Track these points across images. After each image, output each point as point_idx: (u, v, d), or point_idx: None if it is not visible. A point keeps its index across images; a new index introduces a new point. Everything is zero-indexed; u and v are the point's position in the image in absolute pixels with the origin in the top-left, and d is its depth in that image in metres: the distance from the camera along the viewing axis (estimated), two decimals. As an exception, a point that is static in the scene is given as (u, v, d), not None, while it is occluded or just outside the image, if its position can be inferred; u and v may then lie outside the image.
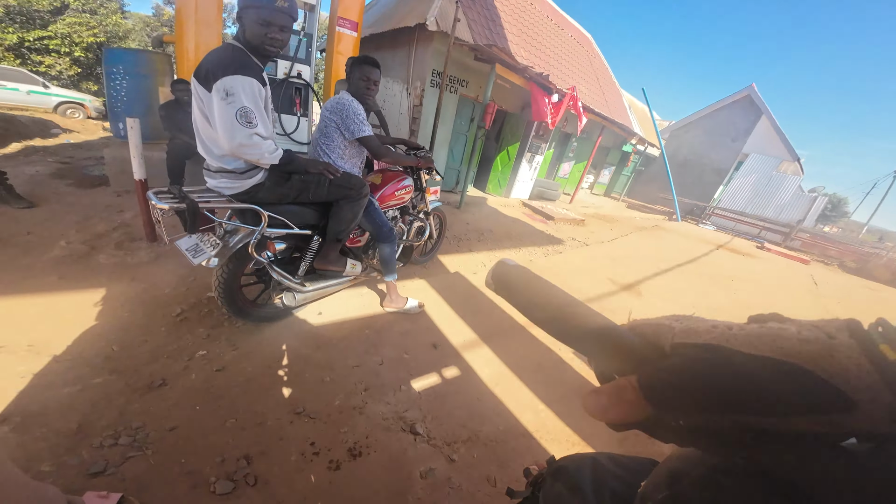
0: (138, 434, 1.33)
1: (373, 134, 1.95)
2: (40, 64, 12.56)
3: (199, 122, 1.53)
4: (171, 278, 2.35)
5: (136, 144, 2.46)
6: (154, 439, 1.32)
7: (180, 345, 1.80)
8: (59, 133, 6.98)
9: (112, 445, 1.27)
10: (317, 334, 2.07)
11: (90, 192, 3.63)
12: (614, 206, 11.88)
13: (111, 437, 1.30)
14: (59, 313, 1.89)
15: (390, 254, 2.27)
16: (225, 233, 1.72)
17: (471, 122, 7.15)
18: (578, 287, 3.57)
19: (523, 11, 7.87)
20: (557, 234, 5.85)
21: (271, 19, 1.41)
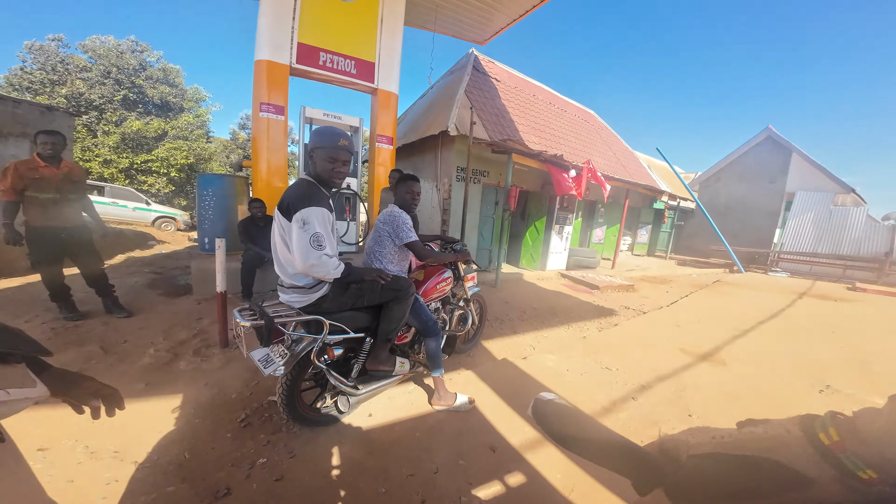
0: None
1: (418, 240, 2.19)
2: (143, 183, 15.57)
3: (278, 246, 1.79)
4: (237, 383, 2.47)
5: (221, 260, 2.81)
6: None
7: (243, 452, 1.84)
8: (154, 244, 8.19)
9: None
10: (368, 439, 1.98)
11: (176, 301, 4.10)
12: (663, 265, 11.19)
13: None
14: (143, 419, 2.02)
15: (436, 348, 2.25)
16: (291, 342, 1.84)
17: (496, 206, 7.54)
18: (647, 363, 3.14)
19: (528, 104, 8.89)
20: (607, 303, 5.47)
21: (336, 156, 1.72)
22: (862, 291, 8.55)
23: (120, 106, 15.71)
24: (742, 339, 4.07)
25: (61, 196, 3.08)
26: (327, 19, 4.69)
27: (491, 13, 6.35)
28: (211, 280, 4.11)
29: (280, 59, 4.42)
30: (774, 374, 3.07)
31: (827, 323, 5.08)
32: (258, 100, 4.43)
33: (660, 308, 5.38)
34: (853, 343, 4.15)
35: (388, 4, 5.09)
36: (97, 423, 1.85)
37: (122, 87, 15.80)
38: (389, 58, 5.21)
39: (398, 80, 5.36)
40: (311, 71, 4.69)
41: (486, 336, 3.56)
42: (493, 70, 8.75)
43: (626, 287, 6.59)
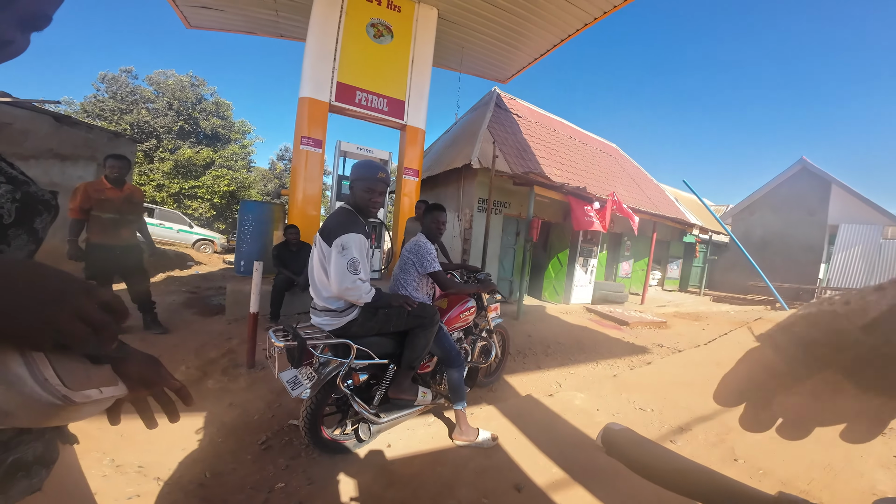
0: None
1: (441, 270, 2.24)
2: (189, 207, 16.63)
3: (315, 269, 1.87)
4: (260, 404, 2.48)
5: (257, 283, 2.94)
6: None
7: (262, 475, 1.83)
8: (192, 265, 8.59)
9: None
10: (388, 470, 1.92)
11: (209, 321, 4.25)
12: (697, 301, 10.60)
13: None
14: (169, 437, 2.04)
15: (458, 379, 2.20)
16: (319, 365, 1.85)
17: (517, 236, 7.53)
18: (685, 403, 2.90)
19: (549, 138, 9.08)
20: (637, 340, 5.19)
21: (374, 187, 1.85)
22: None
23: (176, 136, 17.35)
24: (792, 383, 3.70)
25: (121, 217, 3.36)
26: (363, 61, 5.12)
27: (513, 53, 6.71)
28: (243, 301, 4.26)
29: (321, 97, 4.82)
30: (834, 424, 2.75)
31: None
32: (300, 133, 4.79)
33: (697, 346, 5.04)
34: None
35: (418, 47, 5.51)
36: (129, 437, 1.93)
37: (180, 118, 17.59)
38: (418, 96, 5.55)
39: (426, 116, 5.67)
40: (348, 108, 5.06)
41: (509, 370, 3.43)
42: (514, 106, 9.09)
43: (658, 324, 6.25)
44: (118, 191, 3.32)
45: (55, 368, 0.38)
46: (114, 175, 3.30)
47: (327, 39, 4.85)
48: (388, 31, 5.28)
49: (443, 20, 5.74)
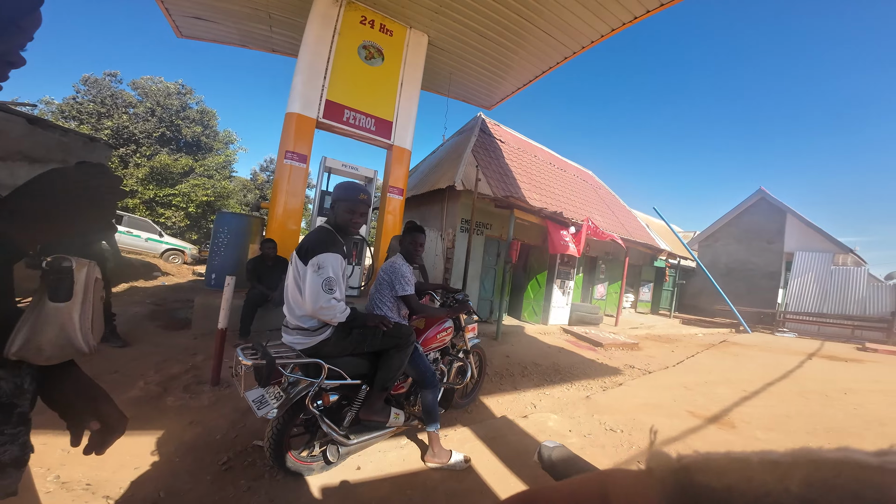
0: None
1: (413, 294, 2.24)
2: (162, 215, 15.85)
3: (290, 288, 1.86)
4: (223, 423, 2.38)
5: (227, 298, 2.84)
6: None
7: (222, 496, 1.74)
8: (158, 275, 8.16)
9: None
10: (355, 493, 1.86)
11: (174, 335, 4.04)
12: (667, 324, 10.99)
13: None
14: (121, 454, 1.93)
15: (433, 400, 2.19)
16: (288, 384, 1.80)
17: (497, 258, 7.67)
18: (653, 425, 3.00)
19: (530, 163, 9.43)
20: (611, 362, 5.33)
21: (356, 208, 1.87)
22: (872, 351, 8.34)
23: (156, 142, 16.84)
24: (752, 400, 3.90)
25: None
26: (354, 80, 5.24)
27: (498, 82, 7.05)
28: (212, 316, 4.10)
29: (309, 114, 4.87)
30: (787, 437, 2.92)
31: (839, 384, 4.90)
32: (284, 147, 4.79)
33: (666, 368, 5.22)
34: (867, 404, 3.99)
35: (408, 71, 5.70)
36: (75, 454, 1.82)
37: (162, 125, 17.09)
38: (406, 118, 5.70)
39: (412, 138, 5.81)
40: (336, 126, 5.13)
41: (486, 391, 3.44)
42: (498, 132, 9.44)
43: (631, 345, 6.44)
44: None
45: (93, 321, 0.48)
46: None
47: (319, 58, 4.96)
48: (380, 54, 5.46)
49: (433, 46, 6.00)
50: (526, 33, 5.51)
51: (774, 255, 14.02)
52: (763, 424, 3.19)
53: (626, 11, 4.78)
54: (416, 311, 2.26)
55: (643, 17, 4.82)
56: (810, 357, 7.18)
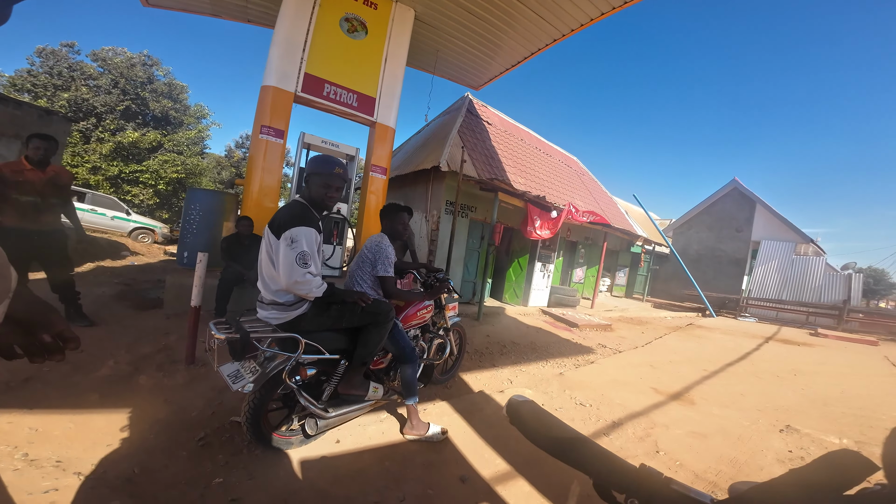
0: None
1: (392, 277, 2.25)
2: (128, 193, 15.10)
3: (263, 262, 1.84)
4: (199, 401, 2.37)
5: (200, 275, 2.78)
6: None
7: (199, 471, 1.75)
8: (127, 255, 7.84)
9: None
10: (334, 465, 1.91)
11: (144, 315, 3.93)
12: (640, 307, 11.51)
13: None
14: (93, 431, 1.92)
15: (412, 375, 2.24)
16: (264, 359, 1.80)
17: (481, 240, 7.75)
18: (620, 400, 3.20)
19: (516, 147, 9.41)
20: (585, 341, 5.58)
21: (330, 182, 1.84)
22: (823, 337, 9.04)
23: (120, 116, 15.76)
24: (711, 380, 4.20)
25: (42, 200, 3.04)
26: (335, 54, 5.02)
27: (487, 61, 6.91)
28: (184, 295, 3.99)
29: (286, 87, 4.66)
30: (740, 413, 3.18)
31: (790, 366, 5.31)
32: (259, 122, 4.59)
33: (635, 348, 5.52)
34: (814, 385, 4.35)
35: (392, 46, 5.50)
36: (43, 432, 1.81)
37: (127, 98, 15.96)
38: (389, 94, 5.54)
39: (396, 115, 5.67)
40: (315, 100, 4.94)
41: (465, 368, 3.56)
42: (485, 114, 9.33)
43: (605, 326, 6.74)
44: (40, 172, 3.01)
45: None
46: (38, 156, 2.99)
47: (298, 29, 4.70)
48: (363, 27, 5.22)
49: (419, 22, 5.78)
50: (515, 13, 5.38)
51: (742, 244, 14.76)
52: (719, 402, 3.46)
53: (616, -5, 4.75)
54: (390, 294, 2.27)
55: (634, 2, 4.80)
56: (767, 340, 7.72)
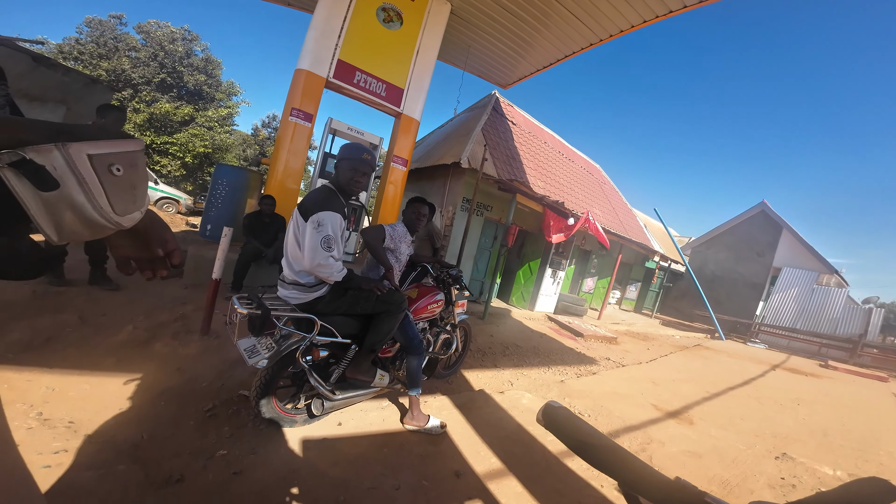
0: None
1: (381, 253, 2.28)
2: (157, 163, 15.62)
3: (290, 243, 1.91)
4: (210, 373, 2.43)
5: (224, 248, 2.87)
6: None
7: (204, 441, 1.79)
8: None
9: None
10: (335, 448, 1.98)
11: (165, 283, 4.04)
12: (647, 323, 11.35)
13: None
14: (106, 394, 1.98)
15: (417, 366, 2.30)
16: (280, 337, 1.87)
17: (494, 240, 7.76)
18: (618, 413, 3.22)
19: (538, 149, 9.33)
20: (588, 352, 5.57)
21: (358, 167, 1.90)
22: (833, 369, 8.80)
23: (156, 88, 16.21)
24: (712, 401, 4.17)
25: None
26: (369, 42, 5.06)
27: (518, 60, 6.84)
28: (204, 267, 4.13)
29: (319, 72, 4.73)
30: (738, 437, 3.16)
31: (794, 395, 5.22)
32: (290, 104, 4.68)
33: (639, 363, 5.48)
34: (815, 415, 4.28)
35: (426, 38, 5.51)
36: (59, 391, 1.91)
37: (164, 71, 16.42)
38: (418, 87, 5.56)
39: (422, 108, 5.69)
40: (345, 87, 5.00)
41: (467, 366, 3.61)
42: (510, 113, 9.26)
43: (610, 339, 6.70)
44: None
45: (108, 196, 0.48)
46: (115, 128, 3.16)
47: (335, 15, 4.75)
48: (399, 18, 5.24)
49: (455, 16, 5.76)
50: (553, 13, 5.31)
51: (762, 268, 14.36)
52: (718, 423, 3.44)
53: (661, 4, 4.62)
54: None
55: (679, 12, 4.67)
56: (774, 368, 7.56)
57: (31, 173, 0.43)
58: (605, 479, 2.15)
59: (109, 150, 0.49)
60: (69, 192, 0.45)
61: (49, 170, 0.43)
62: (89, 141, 0.47)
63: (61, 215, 0.45)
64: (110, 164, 0.49)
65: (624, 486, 0.54)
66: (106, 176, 0.48)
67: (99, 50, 15.46)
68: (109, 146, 0.49)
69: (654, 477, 0.51)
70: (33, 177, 0.43)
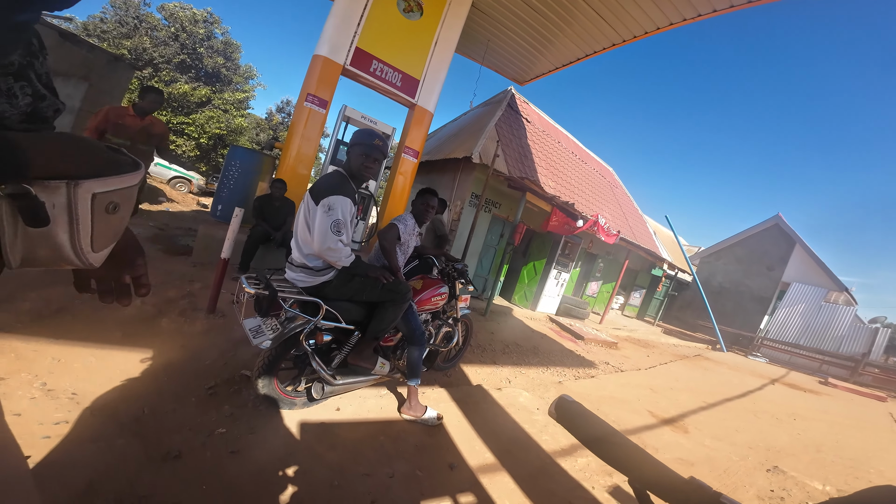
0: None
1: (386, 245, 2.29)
2: (172, 143, 15.84)
3: (300, 226, 1.92)
4: (214, 351, 2.46)
5: (234, 229, 2.90)
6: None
7: (204, 419, 1.81)
8: (163, 201, 8.23)
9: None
10: (332, 432, 2.00)
11: (174, 260, 4.11)
12: (649, 331, 11.29)
13: (115, 503, 1.26)
14: (111, 368, 2.00)
15: (418, 357, 2.31)
16: (285, 319, 1.88)
17: (500, 238, 7.74)
18: (614, 417, 3.23)
19: (551, 149, 9.25)
20: (588, 355, 5.56)
21: (369, 153, 1.90)
22: (832, 387, 8.76)
23: (175, 68, 16.35)
24: (708, 411, 4.17)
25: (132, 144, 3.32)
26: (388, 31, 5.03)
27: (537, 57, 6.76)
28: (213, 246, 4.17)
29: (336, 59, 4.72)
30: (731, 448, 3.16)
31: (791, 410, 5.21)
32: (306, 90, 4.68)
33: (638, 370, 5.48)
34: (810, 431, 4.28)
35: (445, 30, 5.45)
36: (64, 363, 1.94)
37: (184, 51, 16.58)
38: (434, 79, 5.52)
39: (437, 100, 5.66)
40: (361, 75, 4.99)
41: (467, 360, 3.64)
42: (525, 110, 9.16)
43: (610, 344, 6.69)
44: (139, 119, 3.30)
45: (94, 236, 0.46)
46: (150, 108, 3.33)
47: (356, 3, 4.71)
48: (419, 8, 5.19)
49: (476, 9, 5.69)
50: (577, 11, 5.22)
51: (770, 282, 14.18)
52: (713, 433, 3.44)
53: (690, 7, 4.51)
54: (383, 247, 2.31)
55: (707, 16, 4.56)
56: (773, 382, 7.52)
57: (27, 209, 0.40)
58: (597, 482, 2.17)
59: (115, 186, 0.46)
60: (55, 231, 0.42)
61: (47, 207, 0.41)
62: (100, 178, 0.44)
63: (35, 250, 0.42)
64: (111, 202, 0.46)
65: (636, 482, 0.53)
66: (101, 215, 0.46)
67: (121, 29, 15.69)
68: (117, 182, 0.47)
69: (668, 475, 0.50)
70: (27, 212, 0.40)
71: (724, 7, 4.35)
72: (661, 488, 0.50)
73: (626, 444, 0.55)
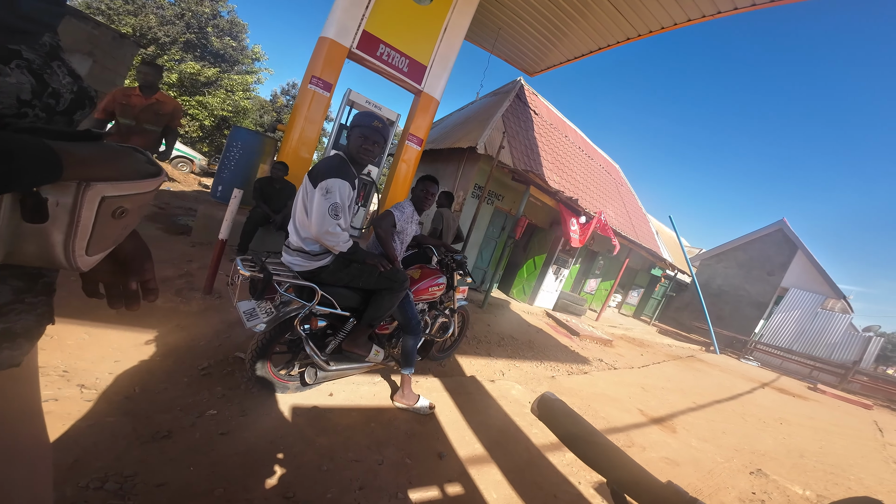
0: (126, 483, 1.28)
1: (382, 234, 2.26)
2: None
3: (298, 209, 1.89)
4: (208, 331, 2.46)
5: (232, 210, 2.89)
6: (140, 491, 1.27)
7: (195, 399, 1.81)
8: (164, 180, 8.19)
9: (97, 489, 1.23)
10: (323, 417, 2.01)
11: (172, 239, 4.10)
12: (644, 330, 11.35)
13: (99, 481, 1.26)
14: (104, 346, 1.99)
15: (413, 346, 2.32)
16: (280, 303, 1.88)
17: (501, 231, 7.72)
18: (604, 414, 3.27)
19: (558, 142, 9.14)
20: (582, 351, 5.60)
21: (367, 135, 1.86)
22: (821, 393, 8.87)
23: (182, 48, 16.08)
24: (697, 412, 4.22)
25: (136, 124, 3.26)
26: (397, 15, 4.91)
27: (549, 48, 6.62)
28: (212, 227, 4.16)
29: (342, 41, 4.62)
30: (717, 450, 3.21)
31: (778, 414, 5.28)
32: (311, 72, 4.60)
33: (631, 368, 5.52)
34: (795, 436, 4.34)
35: (455, 16, 5.32)
36: (56, 340, 1.91)
37: (190, 31, 16.28)
38: (441, 66, 5.42)
39: (444, 88, 5.56)
40: (367, 59, 4.89)
41: (462, 351, 3.66)
42: (534, 102, 9.02)
43: (605, 341, 6.73)
44: (144, 98, 3.24)
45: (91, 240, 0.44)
46: (145, 82, 3.27)
47: (365, -15, 4.60)
48: (430, -8, 5.06)
49: (488, -5, 5.56)
50: (593, 3, 5.09)
51: (769, 287, 14.19)
52: (700, 435, 3.49)
53: (711, 5, 4.38)
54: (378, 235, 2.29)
55: (728, 13, 4.44)
56: (763, 386, 7.61)
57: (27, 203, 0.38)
58: (583, 477, 2.20)
59: (128, 191, 0.45)
60: (49, 230, 0.40)
61: (50, 204, 0.39)
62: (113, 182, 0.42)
63: (22, 245, 0.40)
64: (119, 207, 0.45)
65: (613, 484, 0.54)
66: (104, 219, 0.44)
67: (127, 6, 15.35)
68: (130, 187, 0.45)
69: (646, 478, 0.51)
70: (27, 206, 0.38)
71: (746, 5, 4.23)
72: (639, 491, 0.50)
73: (606, 445, 0.55)
